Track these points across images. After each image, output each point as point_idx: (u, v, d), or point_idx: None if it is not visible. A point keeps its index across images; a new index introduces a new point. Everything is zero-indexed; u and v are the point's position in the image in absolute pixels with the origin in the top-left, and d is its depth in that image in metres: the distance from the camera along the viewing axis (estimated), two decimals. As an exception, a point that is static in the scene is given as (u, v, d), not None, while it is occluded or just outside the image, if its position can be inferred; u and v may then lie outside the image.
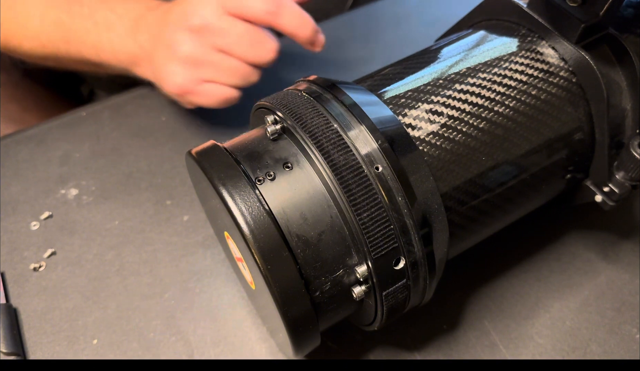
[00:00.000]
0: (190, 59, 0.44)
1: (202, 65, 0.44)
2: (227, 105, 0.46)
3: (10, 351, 0.38)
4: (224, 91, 0.45)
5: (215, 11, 0.43)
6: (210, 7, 0.43)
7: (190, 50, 0.43)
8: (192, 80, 0.45)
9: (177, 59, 0.44)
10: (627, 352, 0.39)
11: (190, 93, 0.45)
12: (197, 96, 0.46)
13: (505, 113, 0.34)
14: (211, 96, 0.45)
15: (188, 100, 0.47)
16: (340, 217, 0.30)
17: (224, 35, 0.43)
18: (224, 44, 0.44)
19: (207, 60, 0.44)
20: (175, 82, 0.45)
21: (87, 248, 0.45)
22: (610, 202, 0.37)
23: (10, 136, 0.52)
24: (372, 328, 0.35)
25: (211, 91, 0.45)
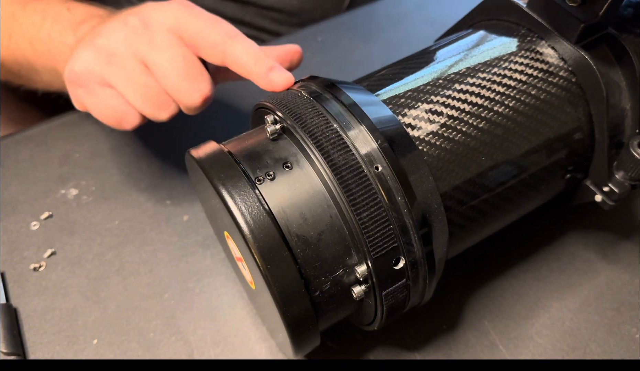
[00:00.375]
0: (105, 50, 0.36)
1: (114, 65, 0.36)
2: (116, 125, 0.38)
3: (10, 351, 0.38)
4: (121, 106, 0.37)
5: (165, 21, 0.37)
6: (161, 15, 0.37)
7: (110, 43, 0.36)
8: (94, 76, 0.37)
9: (93, 44, 0.37)
10: (626, 352, 0.39)
11: (83, 88, 0.37)
12: (89, 96, 0.38)
13: (504, 113, 0.34)
14: (104, 105, 0.37)
15: (78, 97, 0.39)
16: (340, 216, 0.30)
17: (157, 49, 0.36)
18: (152, 58, 0.36)
19: (122, 63, 0.36)
20: (75, 68, 0.37)
21: (87, 248, 0.45)
22: (610, 202, 0.37)
23: (10, 136, 0.52)
24: (372, 328, 0.35)
25: (107, 99, 0.37)
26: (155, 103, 0.37)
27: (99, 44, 0.37)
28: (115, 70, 0.36)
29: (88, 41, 0.37)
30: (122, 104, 0.37)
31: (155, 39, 0.36)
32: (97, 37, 0.37)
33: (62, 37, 0.42)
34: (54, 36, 0.43)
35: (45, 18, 0.44)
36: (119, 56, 0.36)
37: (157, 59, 0.36)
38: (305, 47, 0.61)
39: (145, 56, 0.36)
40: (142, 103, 0.37)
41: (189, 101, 0.37)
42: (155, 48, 0.36)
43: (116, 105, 0.37)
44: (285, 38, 0.62)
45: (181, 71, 0.36)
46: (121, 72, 0.36)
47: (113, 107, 0.37)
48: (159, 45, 0.36)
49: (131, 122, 0.38)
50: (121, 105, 0.37)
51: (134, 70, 0.36)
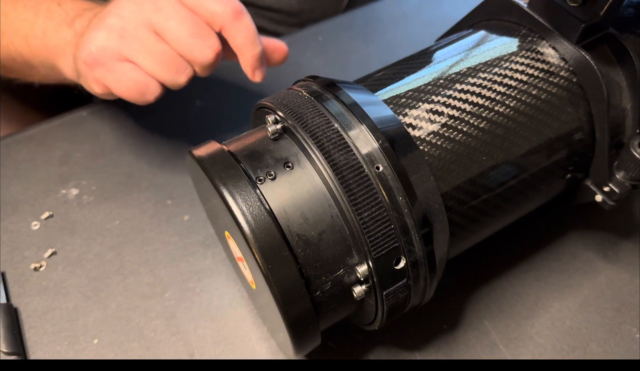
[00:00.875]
0: (116, 27, 0.38)
1: (128, 39, 0.38)
2: (139, 98, 0.39)
3: (11, 351, 0.38)
4: (141, 77, 0.38)
5: None
6: None
7: (122, 19, 0.38)
8: (110, 52, 0.38)
9: (104, 24, 0.38)
10: (627, 352, 0.39)
11: (102, 67, 0.38)
12: (109, 73, 0.38)
13: (505, 113, 0.34)
14: (125, 79, 0.38)
15: (97, 77, 0.39)
16: (340, 216, 0.30)
17: (164, 14, 0.38)
18: (162, 24, 0.38)
19: (135, 35, 0.38)
20: (91, 49, 0.38)
21: (87, 248, 0.45)
22: (611, 202, 0.37)
23: (10, 136, 0.52)
24: (373, 328, 0.35)
25: (127, 73, 0.38)
26: (172, 68, 0.38)
27: (110, 22, 0.38)
28: (130, 43, 0.38)
29: (97, 22, 0.39)
30: (142, 75, 0.38)
31: (161, 6, 0.38)
32: (107, 17, 0.38)
33: (58, 32, 0.43)
34: (49, 32, 0.44)
35: (38, 14, 0.45)
36: (131, 29, 0.38)
37: (166, 24, 0.38)
38: (305, 47, 0.61)
39: (155, 24, 0.38)
40: (161, 70, 0.38)
41: (203, 58, 0.38)
42: (162, 15, 0.38)
43: (137, 77, 0.38)
44: (285, 38, 0.62)
45: (191, 31, 0.38)
46: (136, 43, 0.38)
47: (134, 79, 0.38)
48: (165, 11, 0.38)
49: (153, 91, 0.39)
50: (141, 77, 0.38)
51: (148, 40, 0.38)
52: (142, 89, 0.39)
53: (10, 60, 0.48)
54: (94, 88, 0.41)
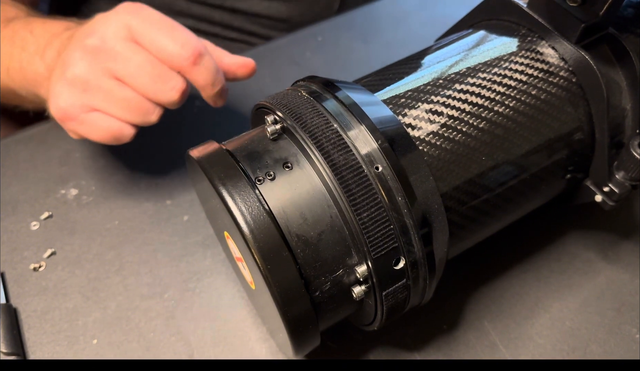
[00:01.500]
0: (78, 81, 0.37)
1: (91, 91, 0.38)
2: (116, 142, 0.39)
3: (10, 351, 0.38)
4: (113, 124, 0.38)
5: (118, 33, 0.38)
6: (114, 28, 0.38)
7: (80, 72, 0.37)
8: (78, 106, 0.38)
9: (65, 79, 0.38)
10: (627, 352, 0.39)
11: (73, 121, 0.39)
12: (81, 125, 0.39)
13: (505, 113, 0.34)
14: (97, 128, 0.39)
15: (71, 129, 0.40)
16: (340, 216, 0.30)
17: (122, 60, 0.37)
18: (121, 70, 0.37)
19: (98, 86, 0.37)
20: (59, 105, 0.38)
21: (87, 248, 0.45)
22: (610, 202, 0.37)
23: (10, 136, 0.52)
24: (372, 328, 0.35)
25: (98, 122, 0.38)
26: (141, 111, 0.38)
27: (70, 76, 0.38)
28: (94, 95, 0.38)
29: (59, 75, 0.38)
30: (113, 122, 0.38)
31: (117, 52, 0.37)
32: (66, 69, 0.38)
33: (32, 65, 0.43)
34: (24, 65, 0.44)
35: (14, 46, 0.45)
36: (92, 80, 0.37)
37: (126, 71, 0.37)
38: (305, 47, 0.61)
39: (115, 71, 0.37)
40: (130, 115, 0.38)
41: (168, 99, 0.38)
42: (120, 62, 0.37)
43: (109, 125, 0.38)
44: (285, 38, 0.62)
45: (151, 74, 0.37)
46: (100, 94, 0.38)
47: (106, 128, 0.39)
48: (122, 58, 0.37)
49: (127, 134, 0.39)
50: (113, 123, 0.39)
51: (111, 88, 0.38)
52: (116, 134, 0.39)
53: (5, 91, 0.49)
54: (70, 134, 0.41)
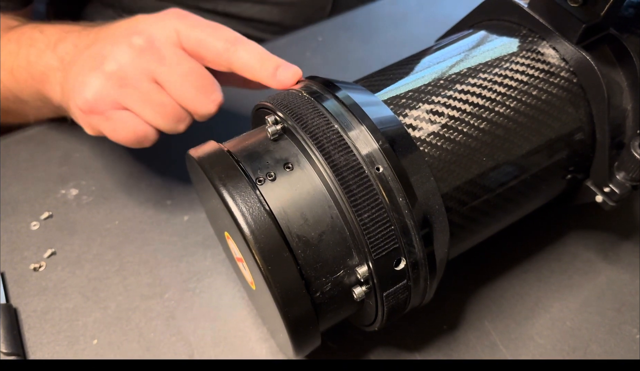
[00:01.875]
0: (116, 75, 0.36)
1: (128, 88, 0.36)
2: (136, 145, 0.38)
3: (10, 352, 0.38)
4: (140, 126, 0.37)
5: (168, 37, 0.37)
6: (164, 32, 0.37)
7: (121, 67, 0.36)
8: (109, 101, 0.36)
9: (101, 71, 0.36)
10: (627, 352, 0.39)
11: (99, 115, 0.37)
12: (106, 121, 0.37)
13: (506, 113, 0.34)
14: (122, 128, 0.37)
15: (94, 124, 0.38)
16: (341, 217, 0.30)
17: (168, 66, 0.36)
18: (164, 75, 0.36)
19: (136, 85, 0.36)
20: (87, 96, 0.36)
21: (87, 248, 0.45)
22: (611, 203, 0.37)
23: (10, 136, 0.52)
24: (373, 329, 0.35)
25: (124, 121, 0.37)
26: (173, 119, 0.37)
27: (109, 69, 0.36)
28: (130, 93, 0.36)
29: (92, 66, 0.37)
30: (140, 124, 0.37)
31: (163, 56, 0.36)
32: (105, 62, 0.37)
33: (42, 59, 0.42)
34: (32, 60, 0.42)
35: (20, 45, 0.44)
36: (131, 78, 0.36)
37: (169, 76, 0.36)
38: (305, 47, 0.61)
39: (157, 74, 0.36)
40: (161, 121, 0.37)
41: (206, 111, 0.37)
42: (165, 65, 0.36)
43: (135, 127, 0.37)
44: (285, 38, 0.62)
45: (195, 85, 0.36)
46: (136, 93, 0.36)
47: (132, 129, 0.37)
48: (168, 62, 0.36)
49: (151, 139, 0.38)
50: (140, 126, 0.37)
51: (148, 91, 0.36)
52: (140, 137, 0.38)
53: (4, 100, 0.47)
54: (87, 129, 0.40)
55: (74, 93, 0.37)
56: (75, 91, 0.37)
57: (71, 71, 0.38)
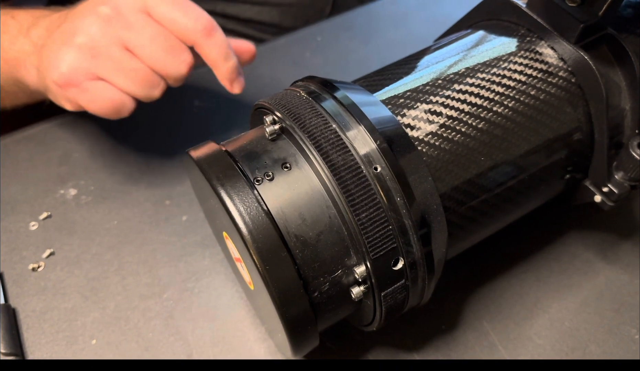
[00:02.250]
0: (87, 46, 0.37)
1: (100, 58, 0.37)
2: (114, 115, 0.39)
3: (9, 352, 0.38)
4: (115, 95, 0.38)
5: (133, 4, 0.38)
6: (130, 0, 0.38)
7: (91, 37, 0.37)
8: (83, 72, 0.37)
9: (72, 43, 0.37)
10: (626, 353, 0.39)
11: (75, 87, 0.38)
12: (82, 93, 0.38)
13: (504, 113, 0.34)
14: (98, 97, 0.38)
15: (69, 97, 0.39)
16: (338, 217, 0.30)
17: (135, 31, 0.37)
18: (133, 41, 0.37)
19: (108, 54, 0.37)
20: (62, 70, 0.37)
21: (86, 248, 0.45)
22: (610, 202, 0.37)
23: (10, 136, 0.52)
24: (371, 329, 0.35)
25: (100, 91, 0.38)
26: (147, 84, 0.38)
27: (79, 41, 0.37)
28: (102, 62, 0.37)
29: (64, 40, 0.38)
30: (116, 93, 0.38)
31: (130, 22, 0.37)
32: (75, 35, 0.37)
33: (15, 45, 0.42)
34: (5, 46, 0.43)
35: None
36: (102, 47, 0.37)
37: (138, 41, 0.37)
38: (305, 47, 0.61)
39: (126, 41, 0.37)
40: (135, 87, 0.38)
41: (177, 73, 0.38)
42: (134, 32, 0.37)
43: (111, 95, 0.38)
44: (284, 38, 0.62)
45: (163, 46, 0.37)
46: (108, 62, 0.37)
47: (109, 98, 0.38)
48: (136, 28, 0.37)
49: (128, 107, 0.39)
50: (116, 94, 0.38)
51: (120, 58, 0.37)
52: (117, 106, 0.38)
53: None
54: (65, 105, 0.40)
55: (48, 70, 0.38)
56: (49, 68, 0.38)
57: (44, 51, 0.39)
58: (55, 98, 0.41)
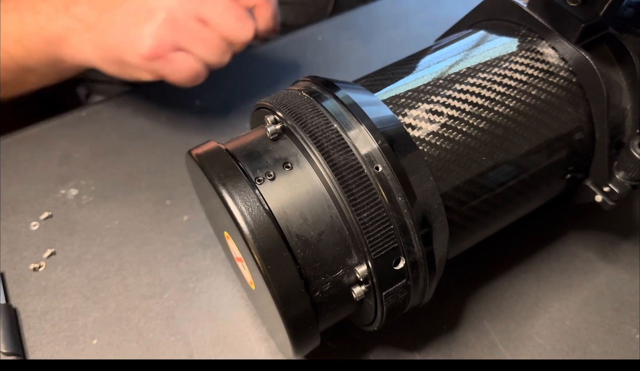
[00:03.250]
0: (169, 21, 0.41)
1: (180, 31, 0.42)
2: (192, 82, 0.45)
3: (10, 352, 0.38)
4: (194, 65, 0.43)
5: None
6: None
7: (172, 12, 0.41)
8: (167, 45, 0.42)
9: (155, 20, 0.41)
10: (626, 352, 0.39)
11: (162, 59, 0.42)
12: (167, 64, 0.43)
13: (505, 113, 0.34)
14: (180, 67, 0.43)
15: (155, 68, 0.43)
16: (340, 217, 0.30)
17: (210, 4, 0.42)
18: (208, 13, 0.42)
19: (187, 27, 0.42)
20: (149, 43, 0.42)
21: (86, 248, 0.45)
22: (610, 202, 0.37)
23: (10, 136, 0.52)
24: (372, 328, 0.35)
25: (182, 61, 0.43)
26: (220, 51, 0.44)
27: (161, 17, 0.42)
28: (183, 34, 0.42)
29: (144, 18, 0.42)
30: (196, 62, 0.43)
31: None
32: (155, 12, 0.42)
33: (55, 22, 0.44)
34: (44, 25, 0.45)
35: (22, 13, 0.46)
36: (182, 21, 0.42)
37: (213, 12, 0.43)
38: (305, 47, 0.61)
39: (201, 13, 0.43)
40: (211, 55, 0.43)
41: (245, 38, 0.44)
42: (207, 4, 0.43)
43: (192, 65, 0.43)
44: (285, 38, 0.62)
45: (234, 15, 0.43)
46: (188, 33, 0.42)
47: (190, 67, 0.43)
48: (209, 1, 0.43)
49: (203, 75, 0.45)
50: (196, 63, 0.43)
51: (197, 29, 0.43)
52: (196, 74, 0.44)
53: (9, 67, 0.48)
54: (144, 76, 0.44)
55: (132, 46, 0.42)
56: (134, 43, 0.42)
57: (112, 29, 0.43)
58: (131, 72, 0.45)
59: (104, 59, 0.45)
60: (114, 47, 0.43)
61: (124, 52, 0.43)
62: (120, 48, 0.43)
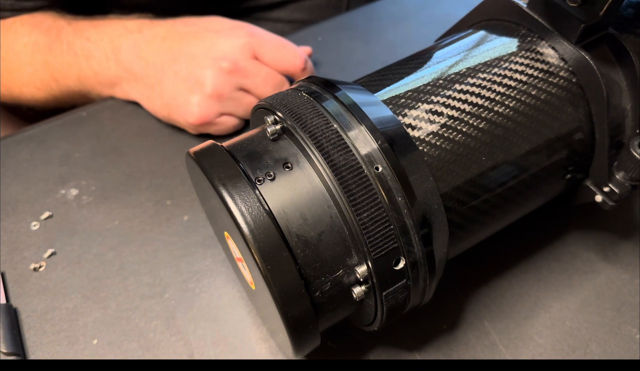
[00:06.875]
0: (216, 93, 0.47)
1: (225, 101, 0.48)
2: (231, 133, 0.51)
3: (10, 351, 0.38)
4: (236, 123, 0.50)
5: (245, 54, 0.48)
6: (242, 51, 0.48)
7: (218, 86, 0.47)
8: (213, 113, 0.48)
9: (203, 92, 0.47)
10: (627, 352, 0.39)
11: (209, 124, 0.49)
12: (212, 126, 0.49)
13: (505, 113, 0.34)
14: (224, 127, 0.50)
15: (200, 130, 0.50)
16: (340, 217, 0.30)
17: (251, 76, 0.48)
18: (250, 84, 0.49)
19: (231, 97, 0.48)
20: (199, 114, 0.48)
21: (87, 248, 0.45)
22: (610, 202, 0.37)
23: (10, 136, 0.52)
24: (372, 329, 0.35)
25: (226, 123, 0.50)
26: None
27: (209, 90, 0.48)
28: (227, 104, 0.49)
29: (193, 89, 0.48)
30: (236, 121, 0.50)
31: (246, 71, 0.48)
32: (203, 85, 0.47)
33: (107, 70, 0.51)
34: (97, 71, 0.51)
35: (77, 56, 0.52)
36: (226, 93, 0.48)
37: (253, 84, 0.49)
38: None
39: (243, 85, 0.49)
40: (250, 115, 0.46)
41: None
42: (249, 77, 0.49)
43: (235, 124, 0.50)
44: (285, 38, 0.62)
45: (272, 85, 0.50)
46: (231, 102, 0.49)
47: (231, 126, 0.50)
48: (251, 73, 0.49)
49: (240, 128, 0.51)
50: (236, 122, 0.51)
51: (239, 97, 0.49)
52: (235, 129, 0.51)
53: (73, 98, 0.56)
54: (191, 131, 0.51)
55: (184, 112, 0.49)
56: (182, 110, 0.49)
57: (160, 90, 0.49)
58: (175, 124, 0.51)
59: (152, 109, 0.52)
60: (162, 105, 0.50)
61: (172, 113, 0.50)
62: (168, 109, 0.50)
